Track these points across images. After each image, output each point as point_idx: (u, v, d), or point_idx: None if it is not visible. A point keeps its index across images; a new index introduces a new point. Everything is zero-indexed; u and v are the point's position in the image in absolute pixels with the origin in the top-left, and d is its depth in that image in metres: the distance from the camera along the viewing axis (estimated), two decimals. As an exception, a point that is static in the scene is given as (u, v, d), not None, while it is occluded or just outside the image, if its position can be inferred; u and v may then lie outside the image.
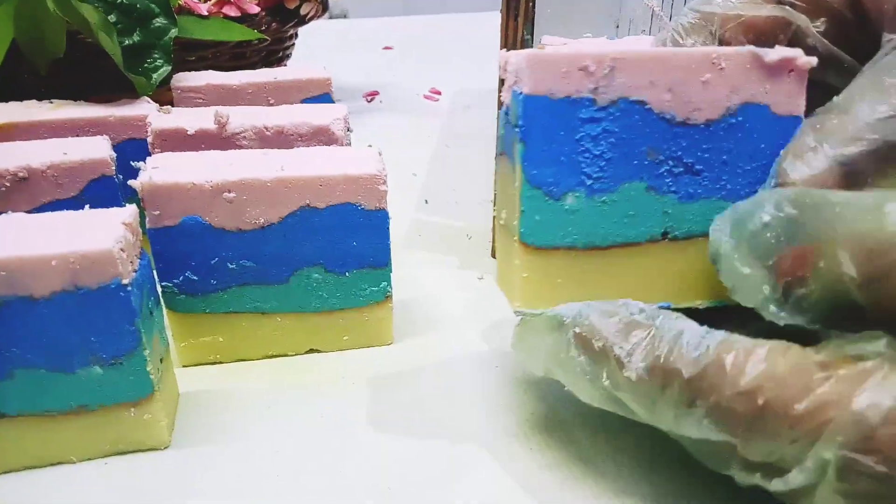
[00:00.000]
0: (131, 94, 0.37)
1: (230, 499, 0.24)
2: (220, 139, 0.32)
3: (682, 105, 0.23)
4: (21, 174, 0.28)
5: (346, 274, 0.29)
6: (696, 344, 0.19)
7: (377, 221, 0.29)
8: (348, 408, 0.28)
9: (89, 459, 0.25)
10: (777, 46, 0.23)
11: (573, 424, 0.26)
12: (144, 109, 0.35)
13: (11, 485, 0.24)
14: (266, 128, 0.33)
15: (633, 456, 0.25)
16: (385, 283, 0.30)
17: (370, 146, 0.30)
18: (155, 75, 0.38)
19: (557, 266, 0.23)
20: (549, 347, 0.22)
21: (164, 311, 0.28)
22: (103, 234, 0.22)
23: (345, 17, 1.46)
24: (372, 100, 0.72)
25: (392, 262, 0.30)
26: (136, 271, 0.23)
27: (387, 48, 0.94)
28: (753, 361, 0.18)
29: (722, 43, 0.24)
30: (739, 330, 0.19)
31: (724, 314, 0.22)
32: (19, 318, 0.22)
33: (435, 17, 1.16)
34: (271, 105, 0.41)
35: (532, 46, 0.35)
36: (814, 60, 0.22)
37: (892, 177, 0.19)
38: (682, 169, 0.23)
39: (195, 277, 0.28)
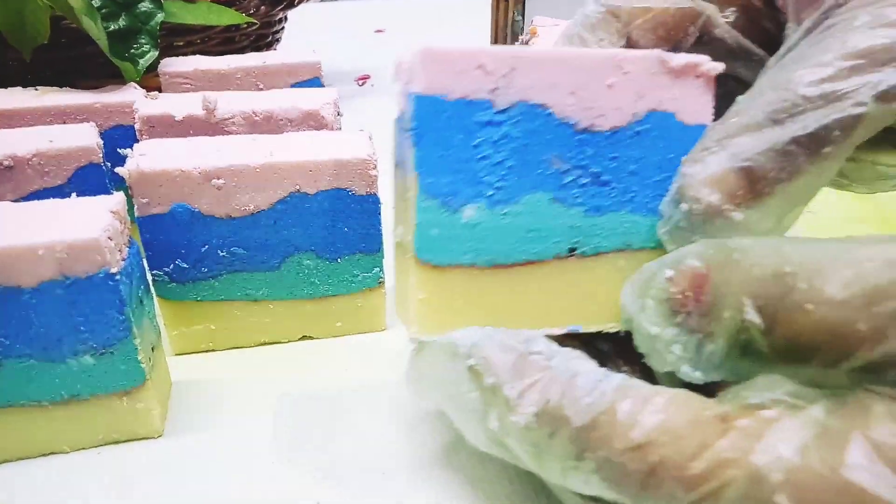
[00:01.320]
0: (118, 80, 0.37)
1: (225, 486, 0.24)
2: (208, 125, 0.32)
3: (586, 110, 0.21)
4: (6, 162, 0.27)
5: (339, 260, 0.29)
6: (590, 389, 0.17)
7: (369, 206, 0.29)
8: (342, 394, 0.28)
9: (82, 449, 0.25)
10: (683, 52, 0.21)
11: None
12: (131, 96, 0.35)
13: (4, 475, 0.24)
14: (255, 113, 0.32)
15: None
16: (377, 269, 0.30)
17: (361, 130, 0.30)
18: (142, 61, 0.38)
19: (457, 286, 0.21)
20: (442, 379, 0.20)
21: (155, 299, 0.28)
22: (91, 222, 0.22)
23: (335, -1, 1.44)
24: (363, 83, 0.71)
25: (384, 247, 0.30)
26: (124, 260, 0.23)
27: (378, 31, 0.93)
28: (649, 412, 0.16)
29: (630, 39, 0.23)
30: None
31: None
32: (7, 308, 0.22)
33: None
34: (260, 90, 0.40)
35: (523, 27, 0.35)
36: (720, 66, 0.21)
37: (796, 178, 0.18)
38: (588, 179, 0.21)
39: (185, 265, 0.28)
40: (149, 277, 0.27)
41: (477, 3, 1.03)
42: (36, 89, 0.35)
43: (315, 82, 0.42)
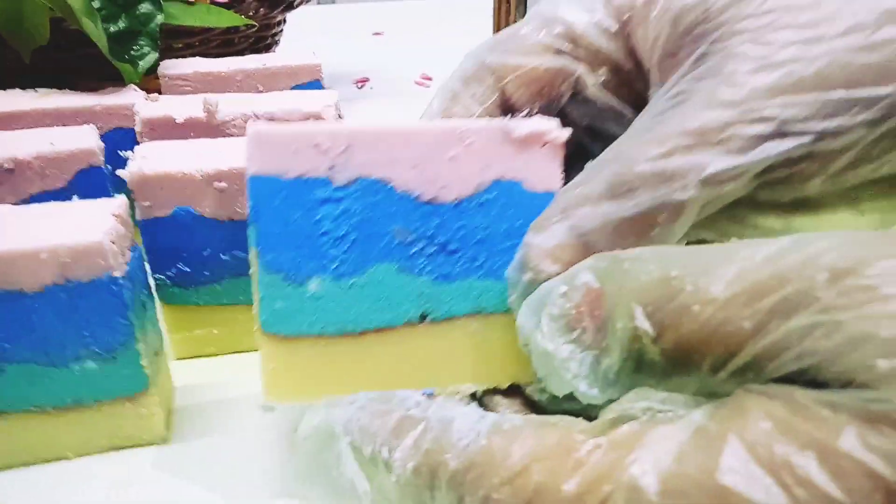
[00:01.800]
0: (117, 82, 0.36)
1: (230, 492, 0.23)
2: (209, 127, 0.32)
3: (429, 183, 0.20)
4: (7, 165, 0.27)
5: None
6: (466, 431, 0.16)
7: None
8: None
9: (86, 455, 0.25)
10: (530, 119, 0.21)
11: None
12: (131, 98, 0.34)
13: (8, 482, 0.24)
14: (256, 115, 0.32)
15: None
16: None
17: (378, 33, 0.30)
18: (142, 63, 0.37)
19: (306, 355, 0.21)
20: (319, 468, 0.19)
21: (158, 303, 0.28)
22: (93, 226, 0.22)
23: (333, 2, 1.44)
24: (363, 86, 0.71)
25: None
26: (127, 263, 0.23)
27: (377, 34, 0.93)
28: (520, 441, 0.15)
29: (504, 93, 0.23)
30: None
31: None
32: (10, 312, 0.22)
33: (424, 1, 1.15)
34: (261, 92, 0.40)
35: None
36: (566, 133, 0.21)
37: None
38: (435, 249, 0.21)
39: (187, 269, 0.28)
40: (151, 281, 0.27)
41: (476, 6, 1.04)
42: (35, 91, 0.35)
43: (315, 84, 0.42)
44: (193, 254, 0.28)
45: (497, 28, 0.35)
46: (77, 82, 0.35)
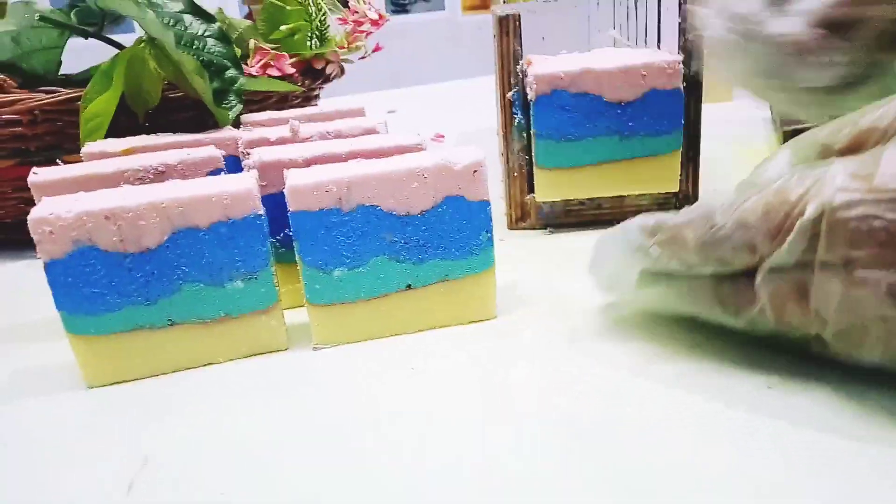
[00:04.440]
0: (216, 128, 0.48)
1: (339, 388, 0.32)
2: (294, 143, 0.43)
3: (402, 204, 0.33)
4: (160, 168, 0.38)
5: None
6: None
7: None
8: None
9: (231, 360, 0.34)
10: (461, 156, 0.33)
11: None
12: (230, 133, 0.45)
13: (180, 383, 0.33)
14: (328, 132, 0.43)
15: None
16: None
17: (392, 111, 0.40)
18: (231, 112, 0.49)
19: (341, 316, 0.34)
20: (613, 257, 0.32)
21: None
22: (243, 182, 0.32)
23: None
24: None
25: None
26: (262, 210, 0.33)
27: (391, 112, 1.06)
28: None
29: None
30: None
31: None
32: (188, 244, 0.32)
33: (426, 86, 1.30)
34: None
35: (522, 56, 0.46)
36: (484, 166, 0.33)
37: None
38: (412, 244, 0.34)
39: (290, 234, 0.38)
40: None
41: (470, 85, 1.19)
42: (157, 135, 0.46)
43: (360, 124, 0.53)
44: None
45: (501, 55, 0.47)
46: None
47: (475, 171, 0.33)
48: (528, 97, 0.45)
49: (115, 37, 0.56)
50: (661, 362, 0.31)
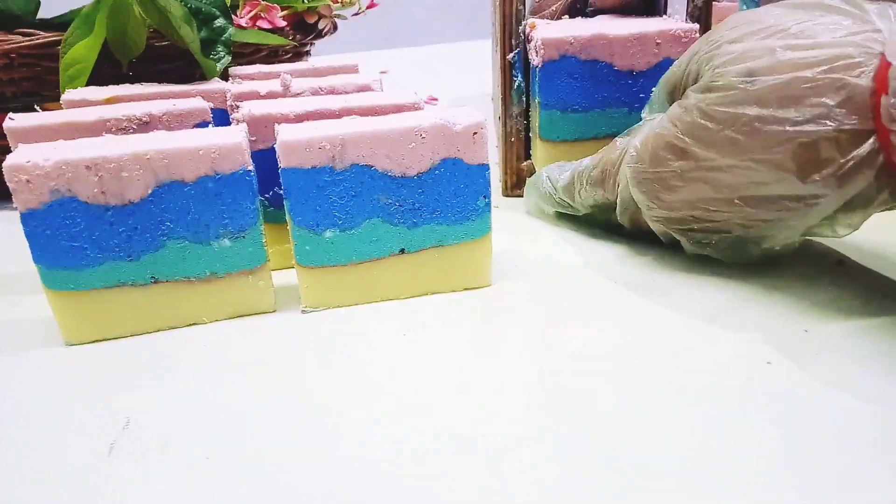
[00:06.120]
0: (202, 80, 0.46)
1: (327, 353, 0.31)
2: (285, 97, 0.41)
3: (398, 164, 0.32)
4: (144, 118, 0.36)
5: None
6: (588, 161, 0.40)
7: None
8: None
9: (216, 321, 0.33)
10: (461, 117, 0.32)
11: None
12: (218, 85, 0.43)
13: (164, 342, 0.32)
14: (321, 88, 0.41)
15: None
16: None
17: (384, 71, 0.39)
18: (219, 63, 0.47)
19: (332, 279, 0.33)
20: (536, 190, 0.43)
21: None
22: (232, 135, 0.31)
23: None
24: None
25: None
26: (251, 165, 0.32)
27: (382, 72, 1.04)
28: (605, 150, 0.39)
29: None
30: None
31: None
32: (173, 198, 0.30)
33: (419, 48, 1.27)
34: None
35: (524, 16, 0.44)
36: (483, 125, 0.32)
37: None
38: (406, 207, 0.33)
39: (280, 192, 0.36)
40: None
41: (464, 48, 1.16)
42: (141, 84, 0.44)
43: (353, 81, 0.51)
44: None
45: (503, 14, 0.45)
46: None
47: (475, 133, 0.32)
48: (534, 62, 0.43)
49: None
50: (657, 336, 0.31)
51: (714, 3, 0.47)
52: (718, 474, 0.23)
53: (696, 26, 0.43)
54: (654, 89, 0.36)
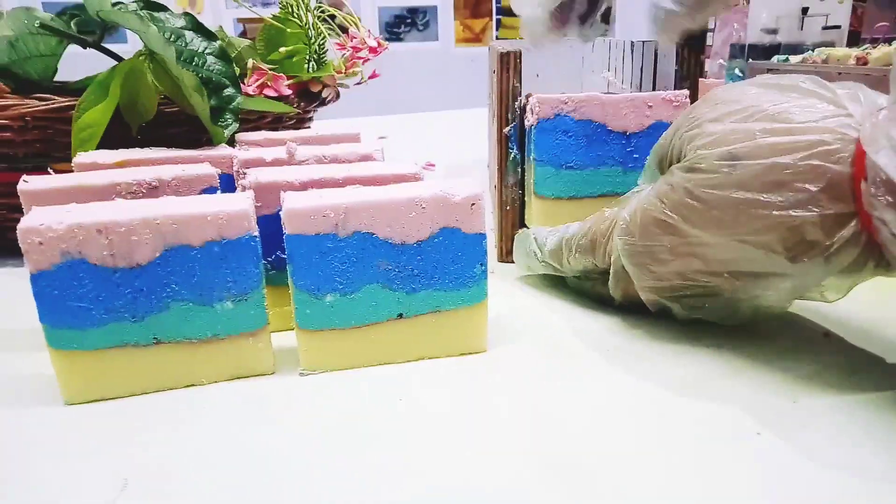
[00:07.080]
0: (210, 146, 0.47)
1: (325, 415, 0.32)
2: (290, 164, 0.42)
3: (399, 233, 0.33)
4: (154, 183, 0.37)
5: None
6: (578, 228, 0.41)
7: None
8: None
9: (214, 382, 0.33)
10: (460, 188, 0.33)
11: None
12: (225, 151, 0.45)
13: (163, 403, 0.32)
14: (324, 156, 0.43)
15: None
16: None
17: (383, 137, 0.40)
18: (227, 130, 0.48)
19: (331, 342, 0.34)
20: (523, 251, 0.45)
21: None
22: (239, 202, 0.32)
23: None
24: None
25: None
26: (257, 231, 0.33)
27: (381, 137, 1.07)
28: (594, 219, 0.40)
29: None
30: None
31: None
32: (179, 261, 0.31)
33: (416, 115, 1.31)
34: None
35: (521, 93, 0.46)
36: (481, 198, 0.33)
37: None
38: (406, 273, 0.34)
39: (283, 255, 0.37)
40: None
41: (458, 116, 1.20)
42: (150, 149, 0.45)
43: (355, 149, 0.53)
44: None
45: (500, 91, 0.47)
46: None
47: (473, 204, 0.33)
48: (528, 123, 0.45)
49: (109, 46, 0.56)
50: (649, 405, 0.31)
51: (701, 79, 0.49)
52: (710, 546, 0.23)
53: (686, 91, 0.45)
54: (648, 158, 0.38)
